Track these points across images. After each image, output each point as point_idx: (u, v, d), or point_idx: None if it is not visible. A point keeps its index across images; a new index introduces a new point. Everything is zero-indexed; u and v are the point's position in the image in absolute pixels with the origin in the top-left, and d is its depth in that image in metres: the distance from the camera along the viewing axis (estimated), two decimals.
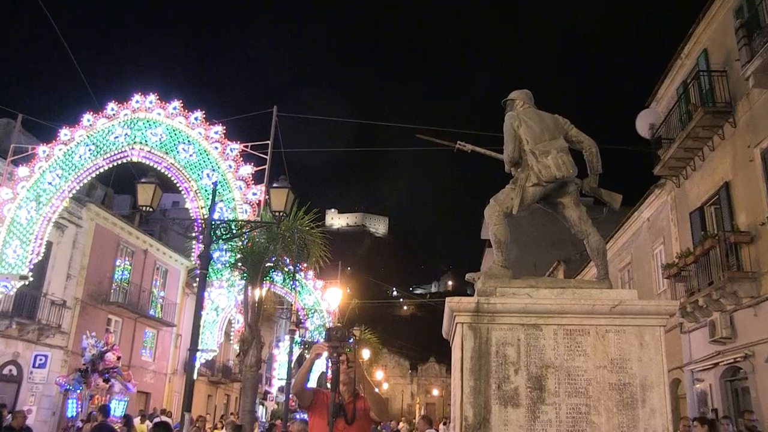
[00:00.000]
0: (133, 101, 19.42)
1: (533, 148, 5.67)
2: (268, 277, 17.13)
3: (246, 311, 16.07)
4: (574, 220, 5.74)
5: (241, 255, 16.36)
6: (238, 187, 18.26)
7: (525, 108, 6.06)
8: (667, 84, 18.82)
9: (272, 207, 11.84)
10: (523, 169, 5.76)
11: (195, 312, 10.56)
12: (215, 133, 18.95)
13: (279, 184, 11.98)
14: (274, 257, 16.56)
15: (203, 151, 18.52)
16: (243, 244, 16.21)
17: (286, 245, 16.45)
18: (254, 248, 16.19)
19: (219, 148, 18.71)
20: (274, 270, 17.17)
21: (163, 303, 32.59)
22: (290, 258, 17.02)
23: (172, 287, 33.58)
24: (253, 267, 16.07)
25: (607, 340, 4.96)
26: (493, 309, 5.05)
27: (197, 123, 19.03)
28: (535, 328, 5.01)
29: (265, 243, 16.24)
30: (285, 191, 11.77)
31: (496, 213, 5.64)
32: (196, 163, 18.45)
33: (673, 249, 17.42)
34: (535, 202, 5.79)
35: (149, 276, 31.31)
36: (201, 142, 18.65)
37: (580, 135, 5.93)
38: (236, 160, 18.78)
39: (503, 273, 5.49)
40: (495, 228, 5.62)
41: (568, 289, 5.33)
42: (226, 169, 18.25)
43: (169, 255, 33.04)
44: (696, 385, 16.05)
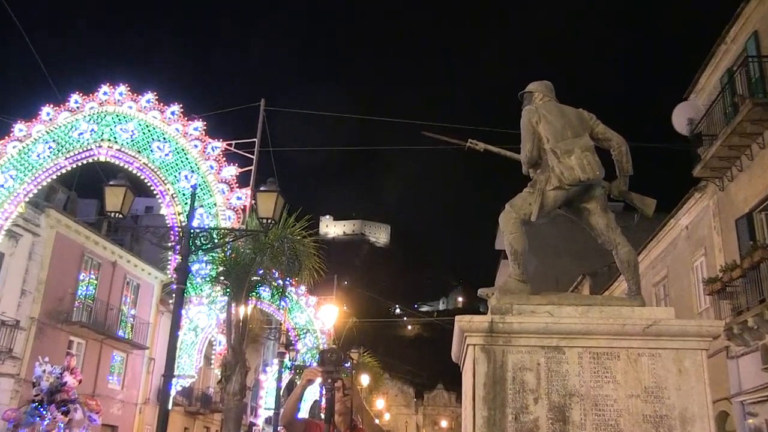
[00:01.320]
0: (101, 93, 19.50)
1: (554, 146, 5.70)
2: (255, 293, 17.15)
3: (229, 331, 16.09)
4: (601, 228, 5.76)
5: (223, 268, 16.39)
6: (221, 190, 18.32)
7: (545, 101, 6.09)
8: (708, 72, 18.79)
9: (259, 213, 11.87)
10: (543, 171, 5.78)
11: (171, 332, 10.59)
12: (195, 129, 19.01)
13: (267, 188, 12.02)
14: (261, 270, 16.60)
15: (181, 149, 18.58)
16: (226, 255, 16.25)
17: (275, 257, 16.48)
18: (239, 260, 16.23)
19: (199, 147, 18.77)
20: (261, 285, 17.20)
21: (134, 322, 32.60)
22: (279, 271, 17.05)
23: (145, 304, 33.61)
24: (237, 281, 16.10)
25: (640, 366, 4.97)
26: (509, 329, 5.06)
27: (174, 118, 19.10)
28: (557, 350, 5.03)
29: (251, 254, 16.28)
30: (274, 195, 11.81)
31: (513, 220, 5.67)
32: (172, 163, 18.50)
33: (717, 261, 17.38)
34: (557, 207, 5.81)
35: (118, 292, 31.35)
36: (178, 139, 18.71)
37: (608, 131, 5.95)
38: (219, 161, 18.83)
39: (521, 288, 5.51)
40: (511, 237, 5.64)
41: (595, 306, 5.35)
42: (207, 171, 18.32)
43: (142, 268, 33.09)
44: (748, 420, 15.85)
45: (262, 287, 17.46)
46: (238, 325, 16.05)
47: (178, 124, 19.09)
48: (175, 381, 18.74)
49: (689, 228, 19.77)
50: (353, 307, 61.58)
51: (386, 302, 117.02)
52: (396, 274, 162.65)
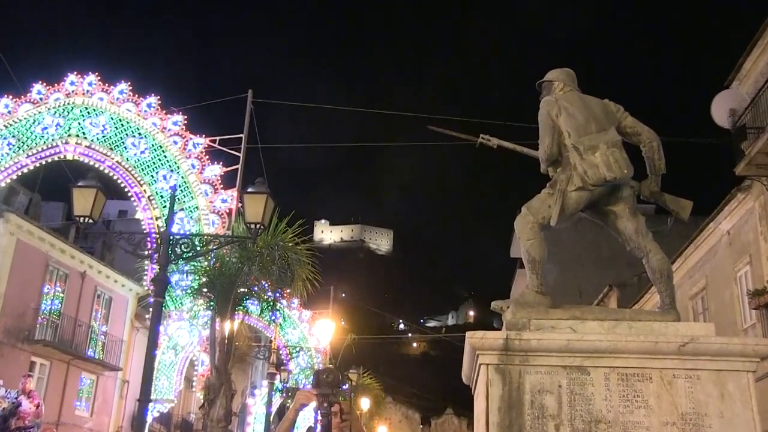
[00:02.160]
0: (67, 82, 19.58)
1: (576, 142, 5.73)
2: (242, 307, 17.19)
3: (212, 350, 16.11)
4: (630, 233, 5.79)
5: (206, 279, 16.43)
6: (204, 192, 18.39)
7: (566, 92, 6.12)
8: (755, 56, 18.72)
9: (247, 218, 11.91)
10: (564, 169, 5.81)
11: (147, 351, 10.64)
12: (174, 124, 19.09)
13: (255, 189, 12.06)
14: (248, 281, 16.64)
15: (158, 146, 18.67)
16: (209, 264, 16.28)
17: (264, 266, 16.53)
18: (224, 270, 16.27)
19: (179, 143, 18.84)
20: (248, 297, 17.23)
21: (106, 341, 32.62)
22: (269, 282, 17.09)
23: (118, 320, 33.62)
24: (222, 294, 16.14)
25: (675, 389, 4.98)
26: (526, 347, 5.08)
27: (151, 111, 19.20)
28: (580, 371, 5.04)
29: (238, 263, 16.32)
30: (263, 198, 11.85)
31: (530, 225, 5.69)
32: (149, 161, 18.58)
33: (764, 271, 17.37)
34: (580, 210, 5.84)
35: (87, 306, 31.36)
36: (155, 135, 18.79)
37: (637, 125, 5.98)
38: (201, 159, 18.89)
39: (539, 301, 5.53)
40: (528, 244, 5.67)
41: (623, 321, 5.36)
42: (188, 170, 18.41)
43: (114, 279, 33.11)
44: None
45: (249, 300, 17.49)
46: (222, 343, 16.06)
47: (156, 117, 19.18)
48: (151, 406, 18.83)
49: (731, 233, 19.75)
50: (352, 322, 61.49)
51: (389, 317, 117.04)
52: (399, 285, 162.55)
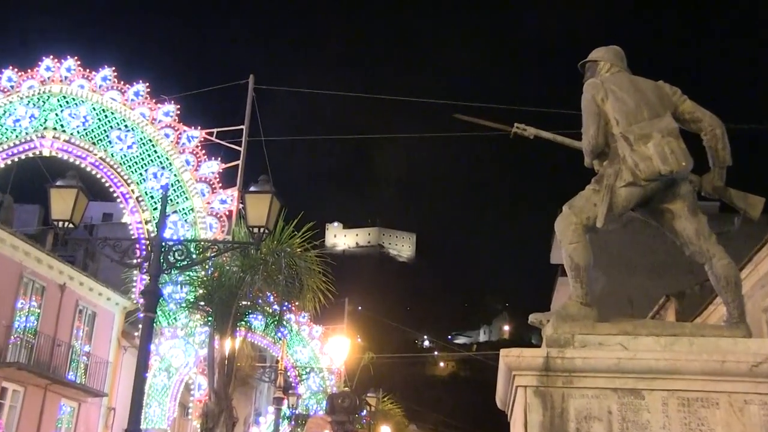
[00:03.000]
0: (42, 68, 19.66)
1: (626, 130, 5.72)
2: (244, 322, 17.24)
3: (211, 372, 16.16)
4: (690, 235, 5.76)
5: (203, 290, 16.51)
6: (200, 192, 18.45)
7: (613, 72, 6.11)
8: None
9: (249, 220, 11.90)
10: (612, 162, 5.80)
11: (136, 374, 10.67)
12: (166, 114, 19.18)
13: (258, 188, 12.06)
14: (251, 293, 16.68)
15: (148, 140, 18.76)
16: (207, 274, 16.35)
17: (269, 275, 16.57)
18: (223, 280, 16.33)
19: (171, 137, 18.92)
20: (251, 311, 17.28)
21: (89, 362, 32.73)
22: (275, 294, 17.13)
23: (102, 339, 33.74)
24: (221, 307, 16.19)
25: (748, 416, 4.94)
26: (570, 366, 5.07)
27: (139, 100, 19.30)
28: (634, 395, 5.02)
29: (239, 273, 16.37)
30: (267, 197, 11.84)
31: (573, 227, 5.69)
32: (137, 157, 18.67)
33: None
34: (630, 209, 5.83)
35: (67, 323, 31.48)
36: (144, 127, 18.88)
37: (697, 110, 5.95)
38: (196, 154, 18.94)
39: (584, 313, 5.52)
40: (571, 248, 5.67)
41: (683, 337, 5.33)
42: (182, 167, 18.49)
43: (99, 292, 33.20)
44: None
45: (253, 315, 17.55)
46: (222, 364, 16.11)
47: (144, 107, 19.29)
48: None
49: None
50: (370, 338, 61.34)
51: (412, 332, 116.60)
52: (424, 296, 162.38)
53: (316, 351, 27.65)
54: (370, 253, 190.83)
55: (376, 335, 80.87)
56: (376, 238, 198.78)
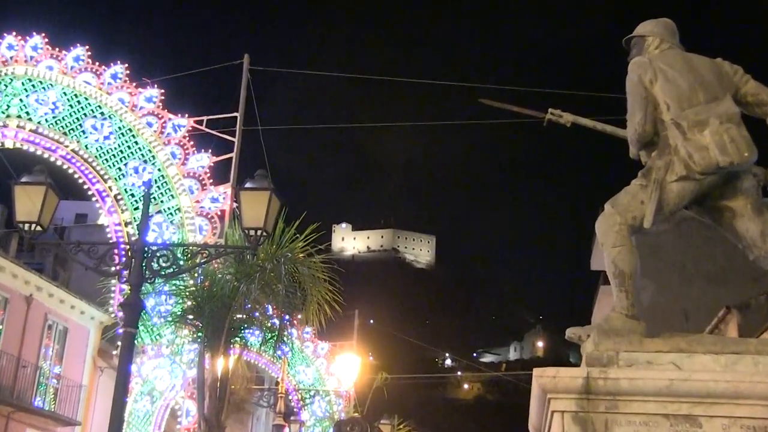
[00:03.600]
0: (3, 46, 19.59)
1: (678, 116, 5.66)
2: (239, 338, 17.23)
3: (201, 396, 16.15)
4: (754, 237, 5.70)
5: (192, 302, 16.49)
6: (188, 189, 18.40)
7: (663, 49, 6.06)
8: None
9: (244, 222, 11.86)
10: (661, 154, 5.76)
11: (114, 399, 10.62)
12: (148, 100, 19.15)
13: (255, 184, 12.00)
14: (247, 305, 16.66)
15: (127, 129, 18.72)
16: (196, 283, 16.33)
17: (268, 285, 16.55)
18: (215, 290, 16.31)
19: (155, 126, 18.89)
20: (247, 326, 17.27)
21: (59, 386, 32.72)
22: (274, 306, 17.11)
23: (75, 359, 33.74)
24: (212, 322, 16.18)
25: None
26: (614, 388, 5.04)
27: (117, 84, 19.26)
28: (689, 421, 4.98)
29: (233, 281, 16.36)
30: (265, 195, 11.78)
31: (617, 228, 5.64)
32: (115, 150, 18.63)
33: None
34: (684, 207, 5.80)
35: (35, 340, 31.44)
36: (124, 115, 18.85)
37: (762, 91, 5.89)
38: (184, 145, 18.90)
39: (630, 327, 5.49)
40: (615, 253, 5.63)
41: (747, 355, 5.26)
42: (167, 160, 18.46)
43: (71, 304, 33.22)
44: None
45: (249, 330, 17.53)
46: (214, 387, 16.09)
47: (124, 92, 19.25)
48: None
49: None
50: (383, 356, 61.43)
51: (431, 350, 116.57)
52: (445, 308, 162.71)
53: (321, 371, 27.62)
54: (384, 258, 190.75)
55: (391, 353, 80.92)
56: (390, 241, 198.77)
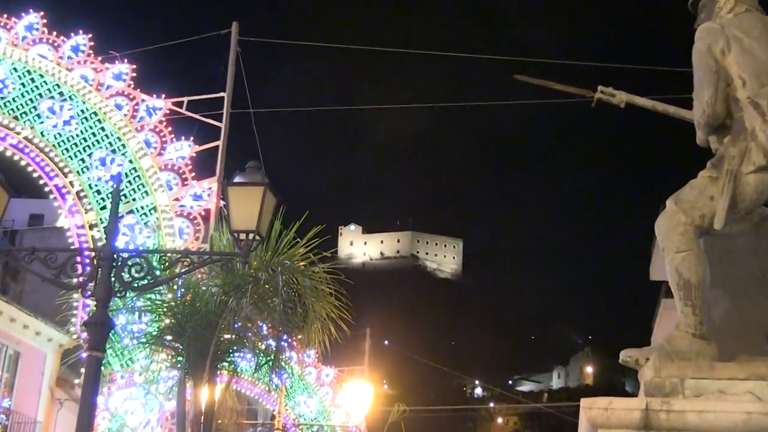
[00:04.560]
0: None
1: (757, 94, 5.68)
2: (227, 363, 17.28)
3: None
4: None
5: (171, 320, 16.54)
6: (165, 184, 18.40)
7: (738, 13, 6.04)
8: None
9: (233, 224, 11.93)
10: (736, 139, 5.76)
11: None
12: (117, 77, 19.16)
13: (246, 178, 12.10)
14: (237, 323, 16.69)
15: (92, 113, 18.73)
16: (176, 297, 16.38)
17: (262, 299, 16.59)
18: (198, 306, 16.35)
19: (125, 108, 18.92)
20: (237, 349, 17.29)
21: (9, 422, 32.78)
22: (270, 325, 17.14)
23: (29, 389, 33.77)
24: (195, 343, 16.22)
25: None
26: (679, 423, 5.06)
27: (80, 58, 19.31)
28: None
29: (220, 295, 16.39)
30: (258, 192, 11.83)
31: (681, 229, 5.66)
32: (78, 137, 18.64)
33: None
34: (763, 204, 5.84)
35: None
36: (87, 96, 18.86)
37: None
38: (160, 132, 18.89)
39: (698, 349, 5.49)
40: (679, 259, 5.63)
41: None
42: (140, 150, 18.45)
43: (24, 323, 33.23)
44: None
45: (239, 353, 17.56)
46: (197, 422, 16.15)
47: (87, 68, 19.30)
48: None
49: None
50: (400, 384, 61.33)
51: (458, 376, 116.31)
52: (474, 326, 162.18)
53: (326, 402, 27.66)
54: (400, 266, 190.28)
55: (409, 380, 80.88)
56: (409, 245, 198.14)
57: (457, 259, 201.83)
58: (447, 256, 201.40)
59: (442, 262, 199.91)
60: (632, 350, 5.72)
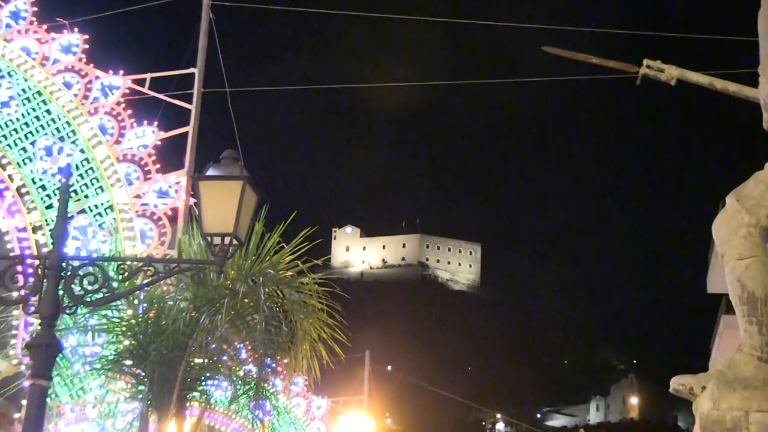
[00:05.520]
0: None
1: None
2: (198, 393, 17.33)
3: None
4: None
5: (132, 341, 16.57)
6: (124, 178, 18.45)
7: None
8: None
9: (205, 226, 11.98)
10: None
11: None
12: (66, 50, 19.20)
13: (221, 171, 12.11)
14: (211, 345, 16.73)
15: (35, 93, 18.79)
16: (137, 314, 16.42)
17: (240, 316, 16.64)
18: (164, 325, 16.40)
19: (76, 87, 18.97)
20: (210, 376, 17.33)
21: None
22: (250, 346, 17.18)
23: None
24: (160, 370, 16.25)
25: None
26: None
27: (20, 26, 19.40)
28: None
29: (190, 312, 16.43)
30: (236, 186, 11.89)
31: (744, 231, 5.62)
32: (18, 122, 18.71)
33: None
34: None
35: None
36: (30, 72, 18.92)
37: None
38: (118, 116, 18.92)
39: (765, 376, 5.42)
40: (741, 267, 5.59)
41: None
42: (94, 137, 18.49)
43: None
44: None
45: (213, 381, 17.60)
46: None
47: (29, 38, 19.37)
48: None
49: None
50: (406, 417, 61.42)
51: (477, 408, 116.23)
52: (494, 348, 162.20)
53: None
54: (406, 276, 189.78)
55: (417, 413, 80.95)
56: (416, 251, 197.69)
57: (474, 267, 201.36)
58: (462, 263, 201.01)
59: (457, 270, 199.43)
60: (686, 377, 5.71)
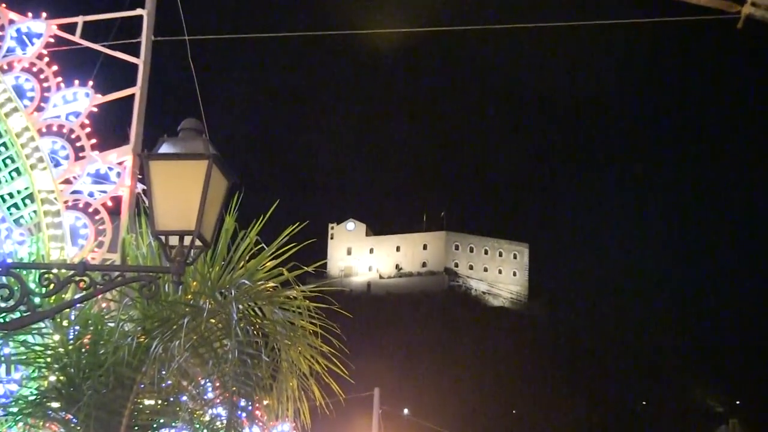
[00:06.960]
0: None
1: None
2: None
3: None
4: None
5: (60, 376, 16.59)
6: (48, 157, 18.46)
7: None
8: None
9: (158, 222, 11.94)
10: None
11: None
12: None
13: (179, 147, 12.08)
14: (167, 381, 16.73)
15: None
16: (68, 340, 16.42)
17: (205, 342, 16.64)
18: (102, 355, 16.41)
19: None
20: (165, 423, 17.35)
21: None
22: (217, 383, 17.18)
23: None
24: (98, 414, 16.25)
25: None
26: None
27: None
28: None
29: (140, 336, 16.41)
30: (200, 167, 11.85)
31: None
32: None
33: None
34: None
35: None
36: None
37: None
38: (40, 73, 18.91)
39: None
40: None
41: None
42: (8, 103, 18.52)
43: None
44: None
45: (168, 428, 17.62)
46: None
47: None
48: None
49: None
50: None
51: None
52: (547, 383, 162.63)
53: None
54: (428, 287, 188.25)
55: None
56: (442, 254, 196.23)
57: (520, 276, 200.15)
58: (504, 270, 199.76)
59: (497, 280, 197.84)
60: None
